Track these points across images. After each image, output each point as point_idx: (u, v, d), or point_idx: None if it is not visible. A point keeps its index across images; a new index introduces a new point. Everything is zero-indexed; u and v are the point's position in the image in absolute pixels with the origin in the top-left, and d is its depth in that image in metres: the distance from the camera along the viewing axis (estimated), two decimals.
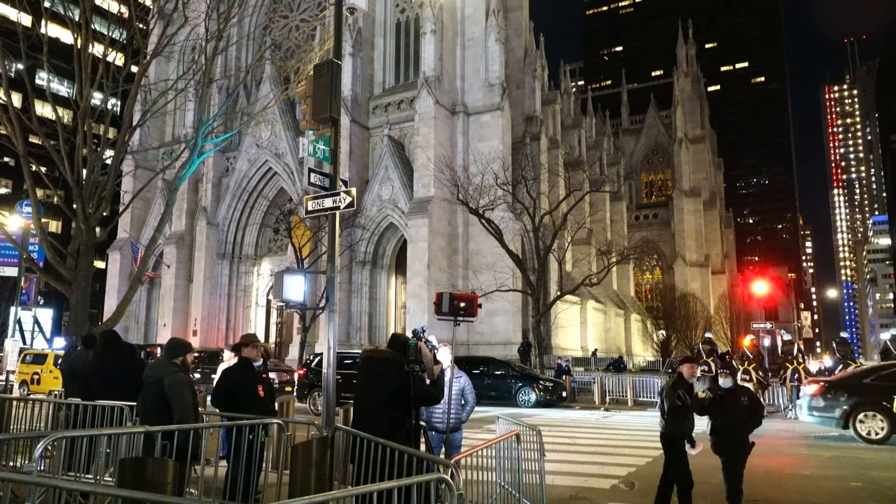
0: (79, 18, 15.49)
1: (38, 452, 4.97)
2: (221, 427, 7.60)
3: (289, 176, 42.91)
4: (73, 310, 14.66)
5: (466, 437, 8.76)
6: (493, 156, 36.34)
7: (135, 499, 3.64)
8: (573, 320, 46.86)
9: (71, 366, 9.80)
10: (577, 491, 8.72)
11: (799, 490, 9.37)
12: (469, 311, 8.18)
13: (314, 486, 6.22)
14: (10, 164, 61.01)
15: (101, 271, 50.18)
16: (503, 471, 6.78)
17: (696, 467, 10.91)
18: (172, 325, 44.14)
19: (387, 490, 3.77)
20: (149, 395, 6.77)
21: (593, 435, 15.02)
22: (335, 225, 8.21)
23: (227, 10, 17.35)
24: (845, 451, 12.94)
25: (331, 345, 7.73)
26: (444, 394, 6.84)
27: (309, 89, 8.56)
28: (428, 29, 39.51)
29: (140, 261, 21.85)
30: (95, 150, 15.66)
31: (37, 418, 8.70)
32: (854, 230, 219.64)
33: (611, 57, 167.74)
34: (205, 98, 17.60)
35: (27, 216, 22.04)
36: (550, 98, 52.62)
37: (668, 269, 72.48)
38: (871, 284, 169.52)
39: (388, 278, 42.08)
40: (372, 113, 42.70)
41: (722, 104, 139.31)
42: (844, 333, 27.80)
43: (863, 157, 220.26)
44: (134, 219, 46.70)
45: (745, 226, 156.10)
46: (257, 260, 46.79)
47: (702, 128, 78.22)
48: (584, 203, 40.14)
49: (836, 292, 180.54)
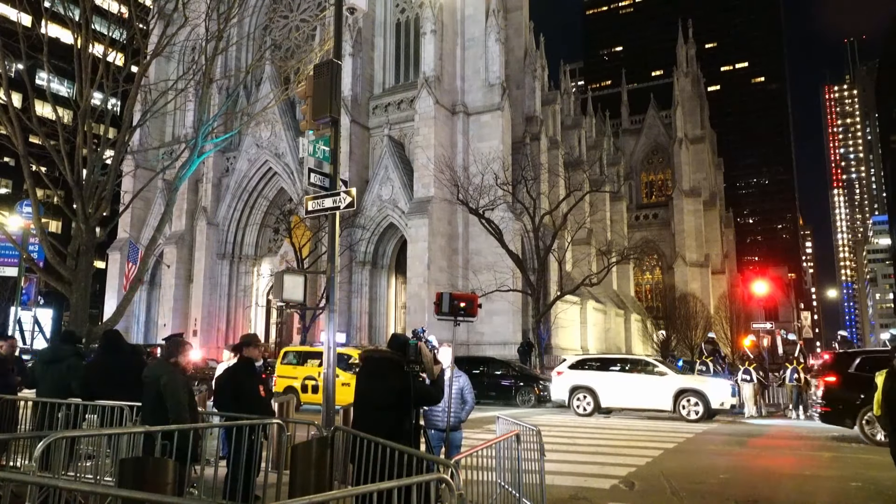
0: (79, 18, 15.49)
1: (38, 452, 4.97)
2: (221, 427, 7.60)
3: (289, 176, 42.92)
4: (73, 310, 14.65)
5: (466, 437, 8.76)
6: (493, 156, 36.34)
7: (135, 499, 3.64)
8: (573, 320, 46.84)
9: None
10: (577, 491, 8.72)
11: (799, 490, 9.37)
12: (469, 311, 8.17)
13: (314, 486, 6.22)
14: (10, 164, 61.02)
15: (101, 271, 50.18)
16: (503, 471, 6.78)
17: (696, 467, 10.93)
18: (172, 325, 44.13)
19: (387, 490, 3.78)
20: (147, 395, 6.78)
21: (593, 435, 15.02)
22: (335, 225, 8.21)
23: (228, 11, 17.35)
24: (845, 452, 12.95)
25: (331, 345, 7.73)
26: (444, 394, 6.84)
27: (309, 89, 8.56)
28: (428, 29, 39.52)
29: (140, 260, 21.83)
30: (95, 150, 15.66)
31: (28, 419, 8.65)
32: (854, 230, 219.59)
33: (611, 57, 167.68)
34: (205, 98, 17.61)
35: (27, 216, 22.05)
36: (550, 98, 52.60)
37: (668, 269, 72.45)
38: (871, 284, 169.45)
39: (388, 278, 42.08)
40: (372, 113, 42.70)
41: (722, 104, 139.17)
42: (845, 332, 27.77)
43: (863, 157, 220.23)
44: (134, 219, 46.71)
45: (745, 226, 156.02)
46: (257, 260, 46.79)
47: (702, 128, 78.18)
48: (584, 203, 40.13)
49: (836, 292, 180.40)
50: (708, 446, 13.56)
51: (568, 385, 20.19)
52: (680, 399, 18.61)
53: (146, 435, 6.12)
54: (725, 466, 11.05)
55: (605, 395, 19.57)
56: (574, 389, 19.99)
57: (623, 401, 19.69)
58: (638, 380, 19.73)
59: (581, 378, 20.09)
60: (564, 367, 21.03)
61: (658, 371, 19.73)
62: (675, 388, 18.81)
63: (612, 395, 19.55)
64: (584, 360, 21.95)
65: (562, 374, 20.72)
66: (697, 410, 18.35)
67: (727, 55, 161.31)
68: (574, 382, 20.09)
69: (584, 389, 19.82)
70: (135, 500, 3.67)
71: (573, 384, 20.08)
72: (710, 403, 18.29)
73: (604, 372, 20.20)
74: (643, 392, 19.31)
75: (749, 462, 11.78)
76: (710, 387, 18.85)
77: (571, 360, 21.56)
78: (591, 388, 19.73)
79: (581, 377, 20.13)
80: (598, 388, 19.65)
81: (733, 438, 14.87)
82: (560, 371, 20.96)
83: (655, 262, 76.29)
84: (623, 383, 19.71)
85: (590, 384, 19.81)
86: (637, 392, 19.40)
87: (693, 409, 18.42)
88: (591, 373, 20.18)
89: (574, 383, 20.07)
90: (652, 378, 19.49)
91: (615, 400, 19.66)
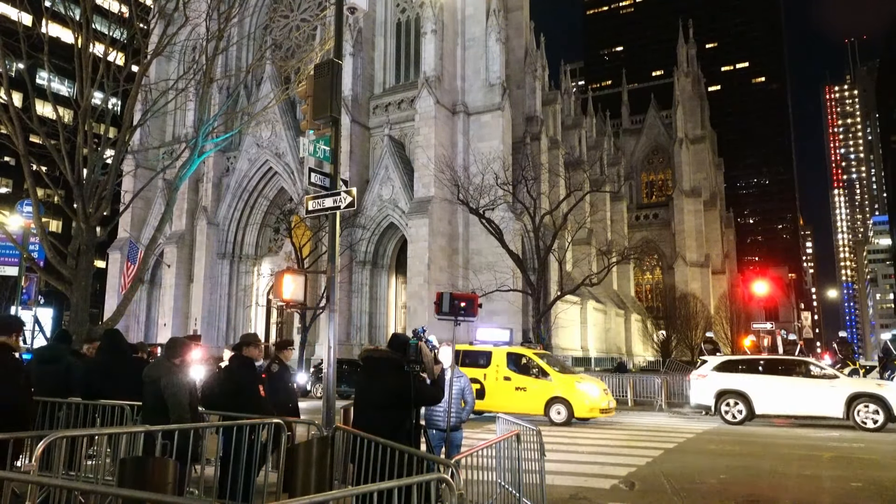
0: (79, 18, 15.49)
1: (38, 452, 4.96)
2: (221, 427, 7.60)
3: (289, 176, 42.93)
4: (73, 309, 14.65)
5: (467, 436, 8.77)
6: (493, 156, 36.36)
7: (135, 498, 3.63)
8: (573, 320, 46.87)
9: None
10: (577, 491, 8.72)
11: (799, 490, 9.36)
12: (469, 311, 8.18)
13: (314, 486, 6.22)
14: (11, 163, 60.98)
15: (102, 271, 50.20)
16: (503, 471, 6.78)
17: (696, 467, 10.93)
18: (172, 324, 44.16)
19: (387, 490, 3.77)
20: (148, 395, 6.78)
21: (593, 435, 15.02)
22: (335, 225, 8.20)
23: (228, 10, 17.35)
24: (846, 452, 12.94)
25: (331, 345, 7.73)
26: (444, 394, 6.85)
27: (309, 89, 8.55)
28: (428, 29, 39.53)
29: (140, 260, 21.83)
30: (96, 149, 15.66)
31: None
32: (854, 230, 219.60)
33: (611, 57, 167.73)
34: (205, 98, 17.60)
35: (28, 216, 22.02)
36: (551, 98, 52.64)
37: (669, 269, 72.51)
38: (871, 284, 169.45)
39: (388, 278, 42.08)
40: (372, 113, 42.71)
41: (722, 104, 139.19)
42: (844, 333, 27.78)
43: (863, 157, 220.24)
44: (134, 218, 46.73)
45: (745, 226, 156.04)
46: (257, 260, 46.80)
47: (702, 128, 78.24)
48: (585, 203, 40.13)
49: (837, 292, 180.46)
50: (708, 446, 13.55)
51: (714, 389, 18.09)
52: (855, 405, 16.59)
53: (146, 435, 6.12)
54: (725, 466, 11.05)
55: (761, 400, 17.51)
56: (722, 394, 17.95)
57: (782, 407, 17.59)
58: (800, 384, 17.47)
59: (730, 381, 18.02)
60: (707, 370, 18.77)
61: (822, 373, 17.64)
62: (848, 392, 16.76)
63: (768, 400, 17.52)
64: (732, 360, 19.62)
65: (705, 376, 18.55)
66: (877, 419, 16.31)
67: (727, 55, 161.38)
68: (722, 386, 18.02)
69: (735, 394, 17.80)
70: (135, 499, 3.67)
71: (720, 388, 17.99)
72: (893, 410, 16.24)
73: (757, 374, 18.11)
74: (807, 397, 17.17)
75: (749, 462, 11.77)
76: (890, 392, 16.70)
77: (716, 361, 19.16)
78: (743, 392, 17.71)
79: (730, 380, 18.05)
80: (751, 392, 17.62)
81: (733, 438, 14.87)
82: (703, 374, 18.75)
83: (655, 262, 76.34)
84: (782, 387, 17.53)
85: (741, 388, 17.78)
86: (799, 397, 17.26)
87: (872, 417, 16.39)
88: (743, 375, 18.10)
89: (722, 387, 18.00)
90: (816, 382, 17.35)
91: (772, 406, 17.61)
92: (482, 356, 18.35)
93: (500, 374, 17.83)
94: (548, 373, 17.59)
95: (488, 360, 18.13)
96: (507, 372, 17.86)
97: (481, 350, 18.52)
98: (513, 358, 18.23)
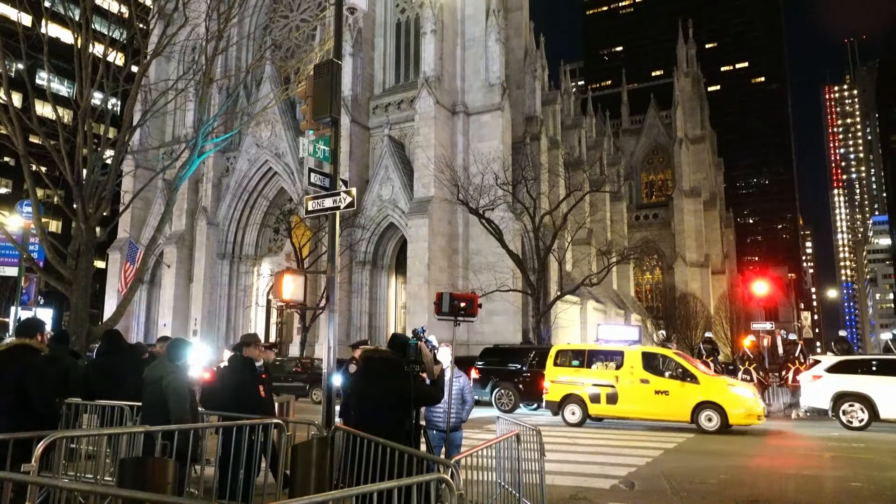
0: (79, 18, 15.48)
1: (38, 452, 4.96)
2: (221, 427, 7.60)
3: (289, 176, 42.93)
4: (73, 310, 14.63)
5: (467, 436, 8.76)
6: (493, 156, 36.36)
7: (135, 499, 3.63)
8: (573, 320, 46.83)
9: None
10: (577, 491, 8.72)
11: (799, 490, 9.37)
12: (469, 311, 8.17)
13: (314, 486, 6.23)
14: (11, 163, 61.02)
15: (102, 271, 50.21)
16: (503, 471, 6.78)
17: (696, 467, 10.93)
18: (172, 325, 44.15)
19: (387, 490, 3.77)
20: (148, 395, 6.78)
21: (593, 435, 15.02)
22: (335, 225, 8.20)
23: (228, 10, 17.33)
24: (846, 452, 12.93)
25: (330, 345, 7.73)
26: (444, 394, 6.85)
27: (309, 89, 8.55)
28: (428, 29, 39.53)
29: (140, 260, 21.82)
30: (96, 149, 15.64)
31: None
32: (854, 230, 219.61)
33: (611, 57, 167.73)
34: (205, 98, 17.58)
35: (27, 216, 22.00)
36: (550, 98, 52.61)
37: (668, 269, 72.49)
38: (871, 285, 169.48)
39: (388, 278, 42.08)
40: (372, 113, 42.71)
41: (722, 104, 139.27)
42: (843, 332, 27.70)
43: (863, 157, 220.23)
44: (134, 219, 46.74)
45: (745, 226, 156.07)
46: (257, 260, 46.80)
47: (702, 128, 78.26)
48: (584, 203, 40.13)
49: (836, 292, 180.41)
50: (708, 446, 13.55)
51: (831, 391, 16.84)
52: None
53: (146, 435, 6.12)
54: (725, 466, 11.05)
55: (886, 404, 16.13)
56: (840, 397, 16.73)
57: None
58: None
59: (850, 383, 16.76)
60: (821, 370, 17.52)
61: None
62: None
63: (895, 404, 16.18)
64: (850, 361, 17.89)
65: (819, 377, 17.33)
66: None
67: (727, 55, 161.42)
68: (839, 388, 16.77)
69: (855, 397, 16.55)
70: (135, 500, 3.67)
71: (838, 390, 16.74)
72: None
73: (879, 376, 16.68)
74: None
75: (749, 462, 11.78)
76: None
77: (830, 361, 17.78)
78: (865, 395, 16.42)
79: (850, 382, 16.76)
80: (875, 395, 16.29)
81: (733, 438, 14.87)
82: (817, 374, 17.50)
83: (655, 262, 76.32)
84: None
85: (863, 391, 16.49)
86: None
87: None
88: (865, 377, 16.76)
89: (840, 389, 16.74)
90: None
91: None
92: (613, 356, 16.94)
93: (635, 377, 16.20)
94: (694, 375, 15.95)
95: (621, 361, 16.64)
96: (643, 374, 16.20)
97: (612, 350, 17.20)
98: (649, 358, 16.64)
